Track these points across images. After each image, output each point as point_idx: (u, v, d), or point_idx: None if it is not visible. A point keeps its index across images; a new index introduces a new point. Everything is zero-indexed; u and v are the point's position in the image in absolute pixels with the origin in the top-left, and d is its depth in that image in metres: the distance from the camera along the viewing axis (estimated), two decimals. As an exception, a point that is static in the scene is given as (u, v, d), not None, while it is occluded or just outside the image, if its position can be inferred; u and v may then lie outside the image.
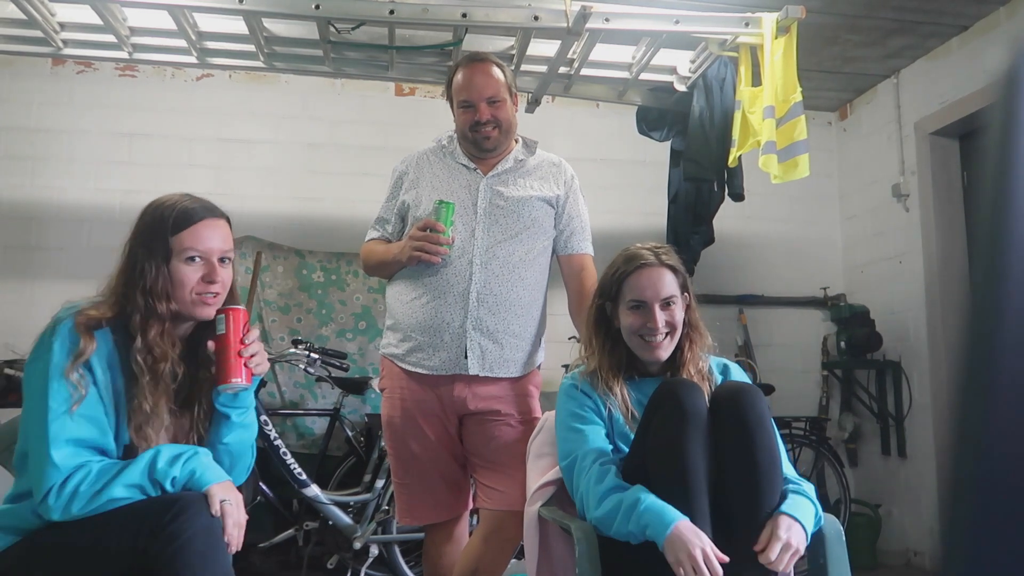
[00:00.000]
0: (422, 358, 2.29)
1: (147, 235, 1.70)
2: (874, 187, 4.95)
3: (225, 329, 1.71)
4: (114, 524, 1.51)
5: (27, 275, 4.35)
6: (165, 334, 1.67)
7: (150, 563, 1.43)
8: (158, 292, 1.65)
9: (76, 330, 1.60)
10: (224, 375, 1.70)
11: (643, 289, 1.96)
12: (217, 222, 1.75)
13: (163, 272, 1.66)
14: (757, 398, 1.81)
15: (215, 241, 1.72)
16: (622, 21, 3.13)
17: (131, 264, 1.69)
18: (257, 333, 1.76)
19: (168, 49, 3.49)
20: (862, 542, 4.41)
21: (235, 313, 1.73)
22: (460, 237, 2.30)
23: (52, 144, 4.49)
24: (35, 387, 1.57)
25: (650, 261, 1.98)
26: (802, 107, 3.14)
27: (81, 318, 1.62)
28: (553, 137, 4.28)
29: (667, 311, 1.96)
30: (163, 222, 1.69)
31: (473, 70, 2.37)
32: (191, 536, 1.44)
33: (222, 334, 1.71)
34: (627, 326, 1.98)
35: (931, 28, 4.20)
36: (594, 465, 1.85)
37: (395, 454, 2.37)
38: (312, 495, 3.50)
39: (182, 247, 1.68)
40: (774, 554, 1.66)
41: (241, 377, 1.72)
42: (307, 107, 4.80)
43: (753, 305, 5.09)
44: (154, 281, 1.66)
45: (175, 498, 1.52)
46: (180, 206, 1.72)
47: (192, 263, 1.69)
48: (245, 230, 4.49)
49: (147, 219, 1.73)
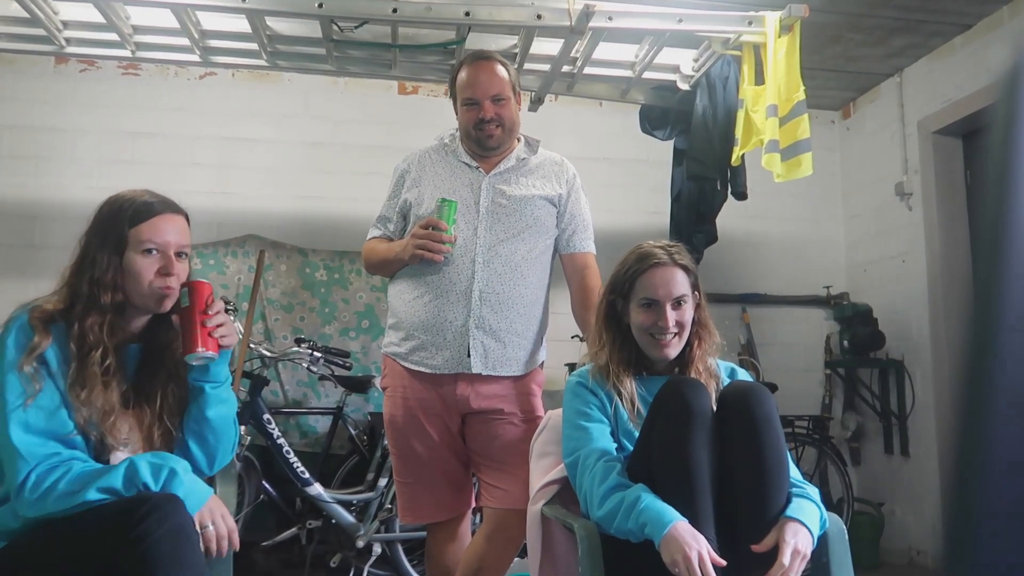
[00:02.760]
0: (425, 357, 2.29)
1: (103, 226, 1.72)
2: (877, 186, 4.94)
3: (189, 302, 1.72)
4: (83, 526, 1.51)
5: (29, 274, 4.34)
6: (105, 325, 1.67)
7: (119, 564, 1.43)
8: (106, 283, 1.67)
9: (30, 324, 1.62)
10: (190, 345, 1.71)
11: (655, 288, 1.96)
12: (175, 217, 1.77)
13: (114, 263, 1.69)
14: (766, 398, 1.81)
15: (171, 235, 1.74)
16: (625, 20, 3.13)
17: (83, 254, 1.72)
18: (222, 305, 1.77)
19: (171, 48, 3.50)
20: (865, 541, 4.40)
21: (198, 285, 1.74)
22: (462, 236, 2.29)
23: (55, 143, 4.50)
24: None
25: (663, 260, 1.98)
26: (805, 106, 3.14)
27: (36, 313, 1.65)
28: (556, 136, 4.28)
29: (678, 311, 1.96)
30: (121, 214, 1.72)
31: (478, 68, 2.37)
32: (159, 538, 1.43)
33: (186, 306, 1.72)
34: (637, 323, 1.99)
35: (934, 27, 4.20)
36: (598, 463, 1.86)
37: (397, 453, 2.37)
38: (315, 494, 3.50)
39: (139, 239, 1.70)
40: (787, 559, 1.65)
41: (206, 347, 1.72)
42: (310, 106, 4.80)
43: (756, 304, 5.09)
44: (103, 272, 1.68)
45: (143, 499, 1.51)
46: (139, 200, 1.75)
47: (149, 255, 1.71)
48: (248, 229, 4.50)
49: (104, 211, 1.75)
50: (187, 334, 1.72)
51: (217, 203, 4.57)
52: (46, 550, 1.54)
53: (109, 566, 1.45)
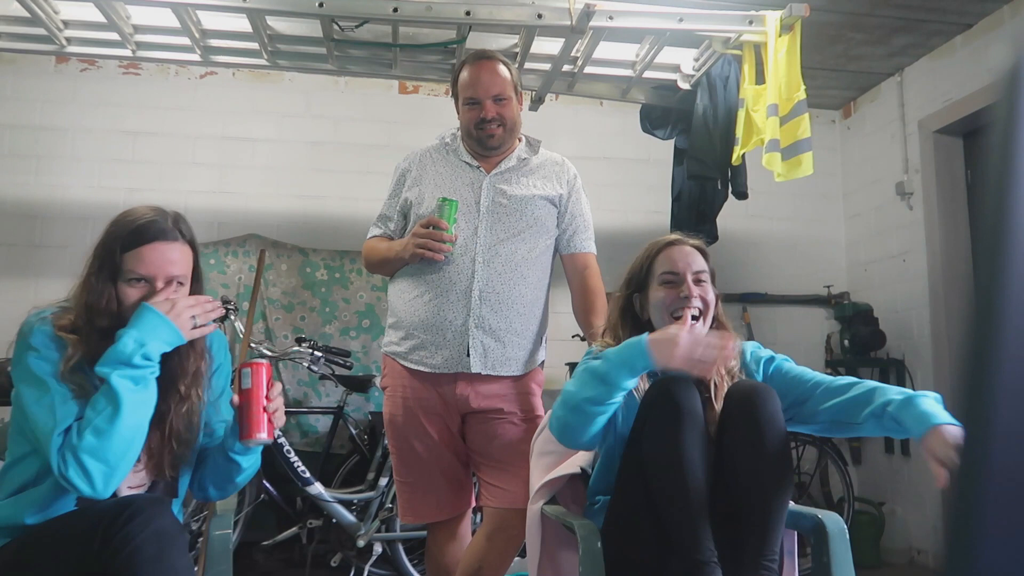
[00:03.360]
0: (424, 356, 2.29)
1: (102, 249, 1.69)
2: (878, 185, 4.94)
3: (251, 384, 1.70)
4: (69, 530, 1.51)
5: (30, 273, 4.36)
6: (103, 347, 1.61)
7: (104, 568, 1.43)
8: (101, 308, 1.64)
9: (58, 335, 1.62)
10: (249, 430, 1.70)
11: (675, 262, 1.97)
12: (166, 245, 1.69)
13: (108, 290, 1.65)
14: (769, 397, 1.79)
15: (157, 266, 1.67)
16: (626, 19, 3.13)
17: (88, 274, 1.69)
18: (280, 387, 1.76)
19: (172, 47, 3.49)
20: (866, 540, 4.40)
21: (259, 368, 1.72)
22: (463, 235, 2.29)
23: (56, 142, 4.50)
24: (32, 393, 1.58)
25: (680, 240, 2.02)
26: (806, 105, 3.14)
27: (60, 324, 1.64)
28: (557, 135, 4.28)
29: (700, 287, 1.95)
30: (116, 240, 1.68)
31: (480, 67, 2.37)
32: (142, 541, 1.43)
33: (248, 388, 1.70)
34: (658, 303, 1.96)
35: (935, 26, 4.20)
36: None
37: (397, 453, 2.37)
38: (316, 493, 3.50)
39: (127, 267, 1.66)
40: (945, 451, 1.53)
41: (265, 432, 1.71)
42: (311, 105, 4.80)
43: (757, 303, 5.09)
44: (97, 297, 1.65)
45: (127, 502, 1.50)
46: (135, 224, 1.68)
47: (136, 284, 1.66)
48: (249, 228, 4.50)
49: (108, 232, 1.71)
50: (248, 418, 1.70)
51: (218, 202, 4.58)
52: (31, 556, 1.53)
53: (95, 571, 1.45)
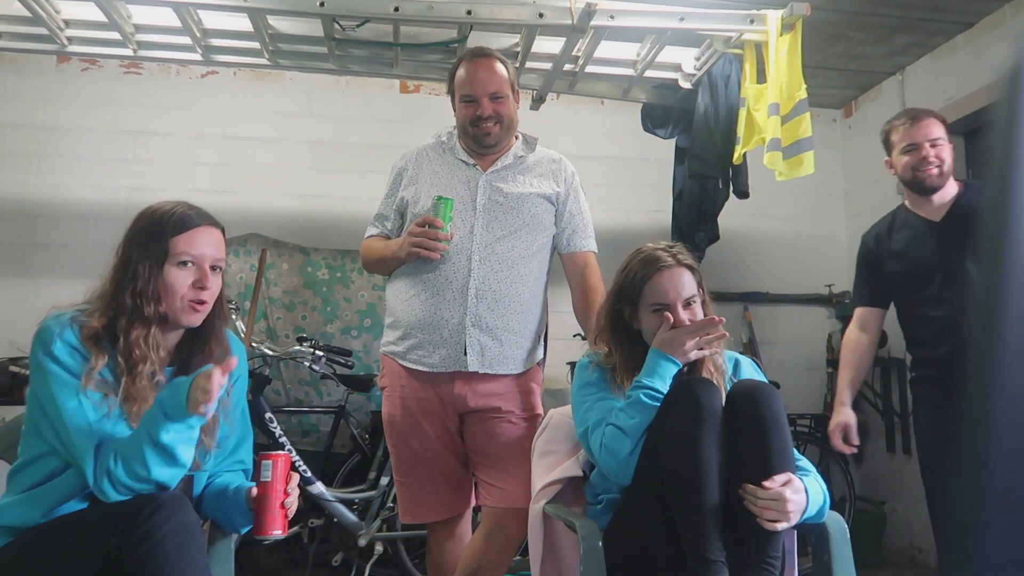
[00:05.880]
0: (422, 355, 2.29)
1: (143, 237, 1.71)
2: (879, 184, 4.93)
3: (271, 477, 1.69)
4: (89, 523, 1.52)
5: (31, 272, 4.36)
6: (150, 337, 1.66)
7: (124, 562, 1.43)
8: (148, 294, 1.66)
9: (83, 343, 1.62)
10: (265, 527, 1.69)
11: (665, 292, 1.96)
12: (212, 230, 1.77)
13: (155, 274, 1.68)
14: (773, 396, 1.81)
15: (209, 248, 1.74)
16: (627, 18, 3.13)
17: (124, 265, 1.70)
18: (297, 479, 1.76)
19: (173, 46, 3.50)
20: (867, 539, 4.41)
21: (279, 460, 1.71)
22: (459, 233, 2.29)
23: (57, 141, 4.50)
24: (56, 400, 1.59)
25: (668, 263, 1.98)
26: (807, 104, 3.14)
27: (85, 331, 1.63)
28: (558, 134, 4.28)
29: (689, 310, 1.97)
30: (163, 225, 1.71)
31: (476, 65, 2.36)
32: (164, 534, 1.44)
33: (267, 481, 1.69)
34: (650, 329, 1.99)
35: (936, 25, 4.19)
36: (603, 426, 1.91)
37: (396, 452, 2.37)
38: (317, 492, 3.50)
39: (177, 251, 1.69)
40: (775, 486, 1.69)
41: (280, 528, 1.70)
42: (311, 104, 4.80)
43: (758, 303, 5.09)
44: (146, 283, 1.67)
45: (150, 498, 1.52)
46: (178, 211, 1.74)
47: (184, 267, 1.70)
48: (249, 227, 4.50)
49: (144, 222, 1.73)
50: (264, 512, 1.69)
51: (219, 202, 4.57)
52: (48, 550, 1.54)
53: (114, 564, 1.45)
